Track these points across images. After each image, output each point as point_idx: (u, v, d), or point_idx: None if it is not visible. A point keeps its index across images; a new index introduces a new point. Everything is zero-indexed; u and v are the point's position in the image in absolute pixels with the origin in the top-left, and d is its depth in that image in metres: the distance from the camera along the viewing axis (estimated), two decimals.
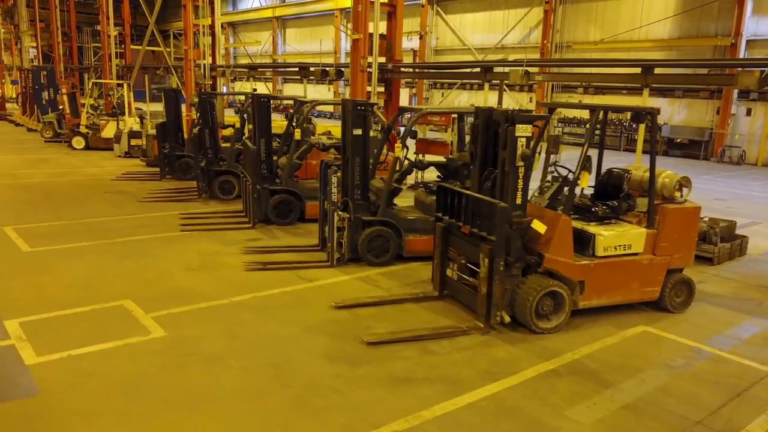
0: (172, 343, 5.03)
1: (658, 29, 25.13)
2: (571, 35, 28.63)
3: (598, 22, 27.64)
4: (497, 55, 31.86)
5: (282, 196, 9.31)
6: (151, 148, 14.90)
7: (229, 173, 11.21)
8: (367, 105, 7.20)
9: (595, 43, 27.09)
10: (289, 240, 8.57)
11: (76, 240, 8.05)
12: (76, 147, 17.76)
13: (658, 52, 25.19)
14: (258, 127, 9.31)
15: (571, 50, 28.36)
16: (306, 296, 6.31)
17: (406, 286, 6.71)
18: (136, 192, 11.65)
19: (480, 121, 5.85)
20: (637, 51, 25.77)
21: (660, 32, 25.15)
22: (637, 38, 25.91)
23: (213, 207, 10.57)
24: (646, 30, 25.53)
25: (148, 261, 7.29)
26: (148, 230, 8.74)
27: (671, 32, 24.86)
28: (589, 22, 27.88)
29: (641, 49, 25.70)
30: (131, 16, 26.94)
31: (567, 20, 28.70)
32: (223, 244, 8.20)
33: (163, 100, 13.84)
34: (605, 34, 26.81)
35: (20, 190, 11.44)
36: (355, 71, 12.13)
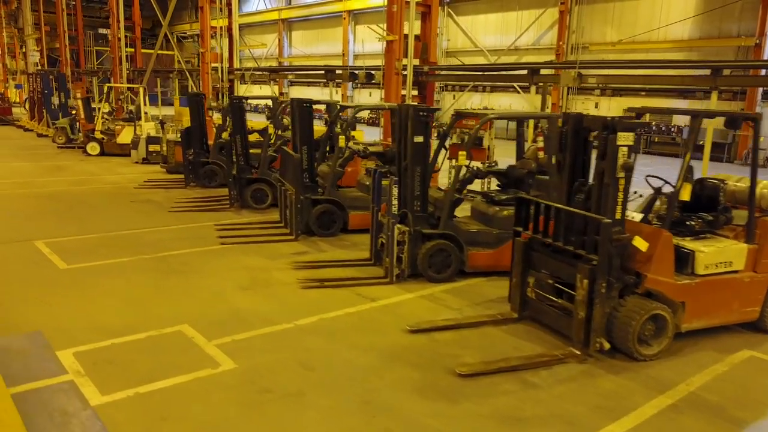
0: (245, 376, 4.53)
1: (677, 30, 24.69)
2: (587, 36, 28.17)
3: (615, 22, 27.20)
4: (510, 57, 31.40)
5: (325, 207, 8.82)
6: (172, 155, 14.41)
7: (262, 181, 10.71)
8: (429, 110, 6.71)
9: (612, 44, 26.66)
10: (337, 253, 8.08)
11: (114, 255, 7.55)
12: (90, 153, 17.25)
13: (678, 53, 24.74)
14: (300, 134, 8.82)
15: (587, 51, 27.91)
16: (373, 318, 5.82)
17: (477, 306, 6.22)
18: (163, 201, 11.16)
19: (568, 128, 5.37)
20: (656, 52, 25.34)
21: (679, 33, 24.71)
22: (656, 39, 25.48)
23: (247, 217, 10.07)
24: (665, 31, 25.11)
25: (195, 279, 6.80)
26: (185, 243, 8.25)
27: (691, 33, 24.43)
28: (606, 23, 27.45)
29: (660, 50, 25.26)
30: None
31: (583, 21, 28.25)
32: (268, 258, 7.71)
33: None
34: (623, 35, 26.38)
35: (42, 199, 10.94)
36: (390, 74, 11.67)
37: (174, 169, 14.44)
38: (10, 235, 8.31)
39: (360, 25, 41.58)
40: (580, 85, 9.18)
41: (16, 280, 6.52)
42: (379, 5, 40.13)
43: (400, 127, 7.22)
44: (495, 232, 7.07)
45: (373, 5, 39.30)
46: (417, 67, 11.72)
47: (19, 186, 12.15)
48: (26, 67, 38.26)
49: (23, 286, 6.36)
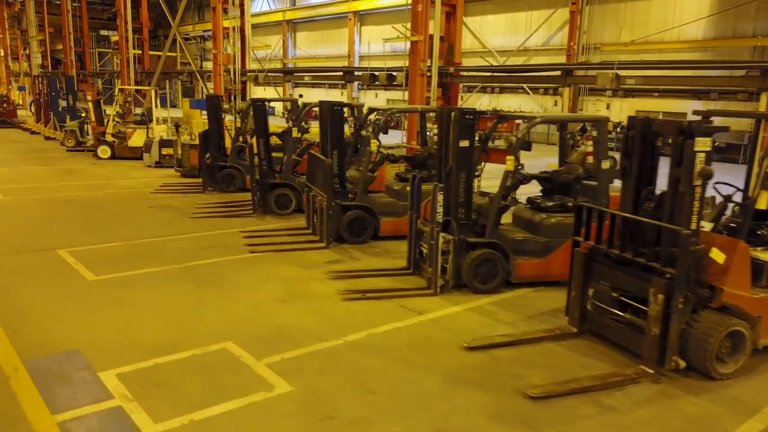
0: (304, 401, 4.23)
1: (691, 30, 24.43)
2: (598, 37, 27.92)
3: (627, 23, 26.94)
4: (520, 58, 31.13)
5: (356, 213, 8.52)
6: (187, 158, 14.12)
7: (286, 186, 10.41)
8: (475, 114, 6.41)
9: (625, 44, 26.41)
10: (371, 261, 7.78)
11: (141, 265, 7.24)
12: (101, 156, 16.95)
13: (692, 53, 24.47)
14: (331, 138, 8.52)
15: (599, 52, 27.65)
16: (425, 334, 5.52)
17: (530, 320, 5.92)
18: (183, 206, 10.85)
19: (635, 133, 5.07)
20: (670, 53, 25.06)
21: (693, 33, 24.45)
22: (669, 39, 25.22)
23: (272, 223, 9.77)
24: (678, 31, 24.84)
25: (230, 290, 6.49)
26: (213, 252, 7.94)
27: (705, 33, 24.17)
28: (618, 24, 27.18)
29: (674, 51, 24.98)
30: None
31: (594, 21, 27.99)
32: (302, 267, 7.40)
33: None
34: (635, 35, 26.13)
35: (59, 205, 10.63)
36: (414, 75, 11.38)
37: (189, 173, 14.15)
38: (32, 244, 8.00)
39: (366, 26, 41.32)
40: (617, 87, 8.91)
41: (45, 293, 6.21)
42: (385, 6, 39.79)
43: (441, 131, 6.93)
44: (542, 240, 6.78)
45: (380, 6, 39.07)
46: (442, 68, 11.43)
47: (34, 191, 11.84)
48: (30, 70, 37.99)
49: (53, 299, 6.06)
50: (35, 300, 6.01)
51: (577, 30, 28.25)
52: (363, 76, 13.28)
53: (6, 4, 41.36)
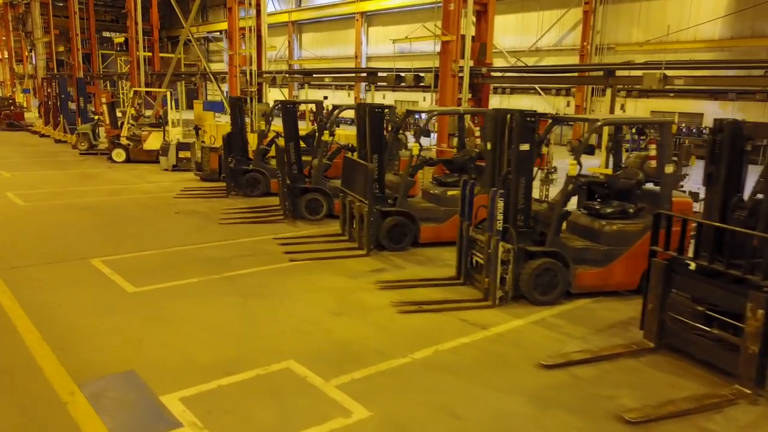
0: (388, 428, 3.92)
1: (707, 29, 24.14)
2: (612, 37, 27.64)
3: (641, 22, 26.67)
4: (531, 59, 30.84)
5: (396, 219, 8.21)
6: (207, 161, 13.80)
7: (317, 191, 10.10)
8: (537, 116, 6.11)
9: (640, 44, 26.13)
10: (416, 270, 7.47)
11: (180, 275, 6.93)
12: (116, 160, 16.63)
13: (709, 53, 24.19)
14: (371, 142, 8.21)
15: (613, 52, 27.37)
16: (495, 350, 5.20)
17: (600, 334, 5.61)
18: (209, 212, 10.54)
19: (723, 136, 4.77)
20: (685, 52, 24.77)
21: (710, 33, 24.17)
22: (685, 39, 24.94)
23: (304, 229, 9.46)
24: (695, 30, 24.56)
25: (278, 303, 6.18)
26: (252, 260, 7.63)
27: (722, 32, 23.88)
28: (632, 23, 26.91)
29: (690, 51, 24.70)
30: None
31: (608, 21, 27.71)
32: (346, 276, 7.09)
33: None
34: (650, 35, 25.85)
35: (82, 211, 10.31)
36: (445, 76, 11.08)
37: (209, 177, 13.84)
38: (63, 253, 7.68)
39: (373, 26, 41.05)
40: (664, 87, 8.62)
41: (86, 307, 5.90)
42: (393, 6, 39.46)
43: (495, 134, 6.63)
44: (603, 248, 6.47)
45: (387, 7, 38.79)
46: (474, 69, 11.13)
47: (53, 196, 11.52)
48: (35, 72, 37.69)
49: (96, 314, 5.75)
50: (78, 315, 5.69)
51: (591, 30, 27.97)
52: (388, 77, 12.97)
53: (10, 6, 41.07)
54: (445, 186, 8.67)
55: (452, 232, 8.52)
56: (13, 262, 7.26)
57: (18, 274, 6.85)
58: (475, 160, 8.82)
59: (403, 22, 38.17)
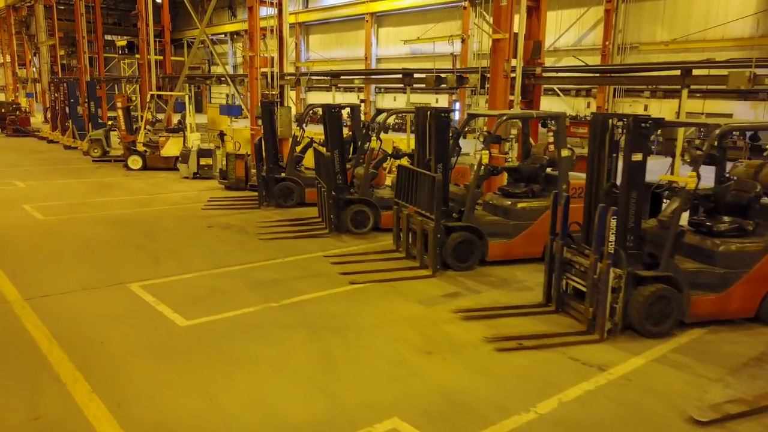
0: None
1: (736, 27, 23.38)
2: (635, 36, 26.89)
3: (666, 21, 25.92)
4: (549, 59, 30.03)
5: (462, 235, 7.42)
6: (233, 169, 13.01)
7: (362, 202, 9.30)
8: (655, 122, 5.32)
9: (665, 43, 25.37)
10: (494, 294, 6.67)
11: (233, 303, 6.12)
12: (132, 167, 15.84)
13: (739, 51, 23.42)
14: (436, 149, 7.42)
15: (636, 52, 26.60)
16: (628, 400, 4.40)
17: (738, 374, 4.81)
18: (245, 225, 9.74)
19: None
20: (713, 51, 23.99)
21: (739, 31, 23.41)
22: (713, 38, 24.19)
23: (352, 244, 8.67)
24: (722, 29, 23.80)
25: (354, 338, 5.38)
26: (308, 283, 6.83)
27: (752, 30, 23.12)
28: (656, 22, 26.16)
29: (717, 49, 23.93)
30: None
31: (630, 20, 26.95)
32: (419, 302, 6.30)
33: None
34: (675, 33, 25.09)
35: (107, 226, 9.50)
36: (497, 76, 10.29)
37: (235, 186, 13.06)
38: (98, 277, 6.88)
39: (383, 27, 40.31)
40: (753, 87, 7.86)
41: (136, 347, 5.10)
42: (404, 7, 38.66)
43: (594, 141, 5.84)
44: (720, 271, 5.67)
45: (398, 7, 38.02)
46: (527, 69, 10.34)
47: (74, 209, 10.71)
48: (39, 76, 36.93)
49: (148, 354, 4.95)
50: (128, 357, 4.89)
51: (612, 29, 27.20)
52: (427, 78, 12.18)
53: (13, 9, 40.31)
54: (513, 197, 7.88)
55: (523, 248, 7.78)
56: (44, 288, 6.45)
57: (52, 304, 6.04)
58: (545, 168, 8.03)
59: (414, 22, 37.45)
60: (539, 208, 7.71)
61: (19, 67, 43.91)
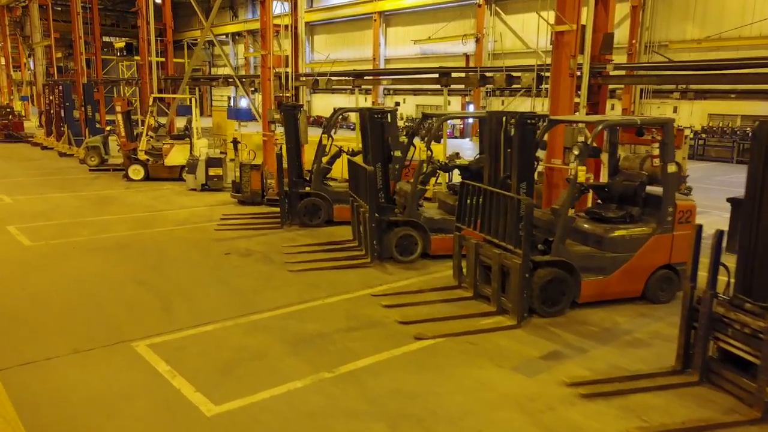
0: None
1: None
2: (663, 34, 25.48)
3: (697, 19, 24.54)
4: None
5: (552, 272, 5.92)
6: (247, 182, 11.51)
7: (410, 225, 7.81)
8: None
9: (698, 41, 23.95)
10: (606, 353, 5.18)
11: (274, 374, 4.62)
12: (133, 178, 14.33)
13: None
14: (521, 165, 5.93)
15: (665, 50, 25.14)
16: None
17: None
18: (268, 251, 8.25)
19: None
20: (748, 50, 22.60)
21: None
22: (749, 35, 22.79)
23: (400, 276, 7.19)
24: (759, 26, 22.40)
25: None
26: (364, 340, 5.33)
27: None
28: (687, 19, 24.77)
29: (754, 47, 22.53)
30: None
31: (658, 17, 25.53)
32: (514, 369, 4.81)
33: None
34: (707, 31, 23.67)
35: (108, 253, 8.00)
36: (560, 74, 8.84)
37: (250, 200, 11.57)
38: (94, 331, 5.37)
39: (391, 27, 38.89)
40: None
41: None
42: (412, 5, 37.16)
43: (758, 152, 4.36)
44: None
45: (407, 6, 36.59)
46: (595, 66, 8.88)
47: (69, 230, 9.20)
48: (34, 78, 35.44)
49: None
50: None
51: (639, 27, 25.75)
52: (470, 78, 10.70)
53: (7, 9, 38.81)
54: (605, 222, 6.38)
55: (622, 286, 6.29)
56: (24, 351, 4.94)
57: (32, 377, 4.54)
58: (644, 187, 6.53)
59: (424, 22, 36.05)
60: (640, 237, 6.23)
61: (13, 69, 42.38)
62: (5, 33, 39.77)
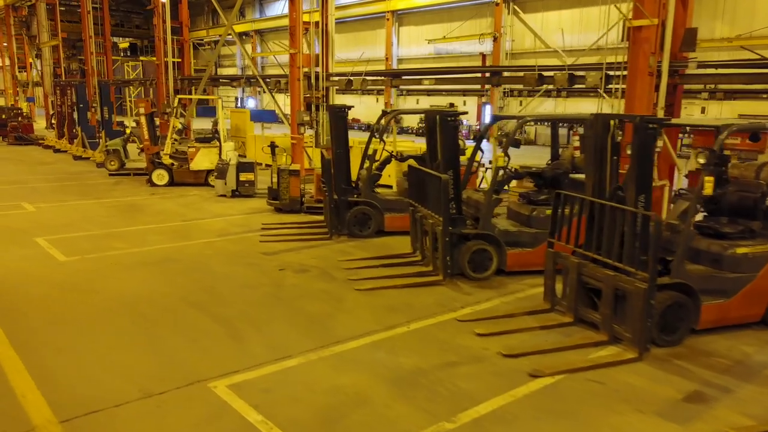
0: None
1: None
2: None
3: (726, 17, 23.86)
4: (592, 58, 27.77)
5: (672, 296, 5.21)
6: (286, 188, 10.80)
7: (484, 238, 7.10)
8: None
9: (729, 40, 23.21)
10: (750, 392, 4.47)
11: (388, 426, 3.91)
12: (157, 183, 13.63)
13: None
14: (638, 175, 5.22)
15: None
16: None
17: None
18: (324, 266, 7.54)
19: None
20: None
21: None
22: None
23: (479, 295, 6.49)
24: None
25: None
26: (471, 378, 4.62)
27: None
28: (715, 17, 24.10)
29: None
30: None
31: None
32: (657, 414, 4.14)
33: None
34: (737, 30, 22.97)
35: (150, 270, 7.28)
36: (637, 74, 8.16)
37: (288, 208, 10.85)
38: (161, 368, 4.65)
39: (404, 26, 38.20)
40: None
41: None
42: (426, 4, 36.35)
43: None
44: None
45: (421, 4, 35.87)
46: (675, 64, 8.19)
47: (105, 243, 8.48)
48: (41, 79, 34.76)
49: None
50: None
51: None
52: (526, 77, 9.99)
53: (13, 9, 38.12)
54: (722, 238, 5.68)
55: (741, 311, 5.60)
56: (84, 395, 4.22)
57: (106, 428, 3.82)
58: (766, 198, 5.83)
59: (438, 21, 35.36)
60: (764, 255, 5.54)
61: (18, 70, 41.66)
62: (10, 33, 39.09)
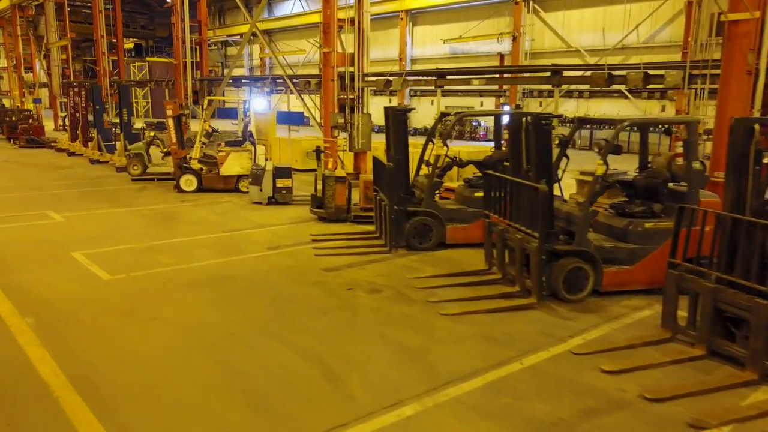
0: None
1: None
2: None
3: None
4: (616, 57, 27.17)
5: None
6: (331, 196, 10.07)
7: (580, 255, 6.37)
8: None
9: None
10: None
11: None
12: (185, 189, 12.91)
13: None
14: None
15: None
16: None
17: None
18: (394, 284, 6.81)
19: None
20: None
21: None
22: None
23: (581, 320, 5.76)
24: None
25: None
26: (621, 430, 3.89)
27: None
28: None
29: None
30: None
31: None
32: None
33: None
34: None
35: (212, 293, 6.54)
36: (733, 72, 7.44)
37: (333, 217, 10.12)
38: (261, 425, 3.91)
39: (418, 26, 37.48)
40: None
41: None
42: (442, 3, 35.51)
43: None
44: None
45: (436, 3, 35.13)
46: None
47: (147, 258, 7.75)
48: (49, 80, 34.05)
49: None
50: None
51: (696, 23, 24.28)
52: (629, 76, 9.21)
53: (19, 9, 37.39)
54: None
55: None
56: None
57: None
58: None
59: (453, 20, 34.64)
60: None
61: (25, 71, 40.92)
62: (17, 33, 38.35)
